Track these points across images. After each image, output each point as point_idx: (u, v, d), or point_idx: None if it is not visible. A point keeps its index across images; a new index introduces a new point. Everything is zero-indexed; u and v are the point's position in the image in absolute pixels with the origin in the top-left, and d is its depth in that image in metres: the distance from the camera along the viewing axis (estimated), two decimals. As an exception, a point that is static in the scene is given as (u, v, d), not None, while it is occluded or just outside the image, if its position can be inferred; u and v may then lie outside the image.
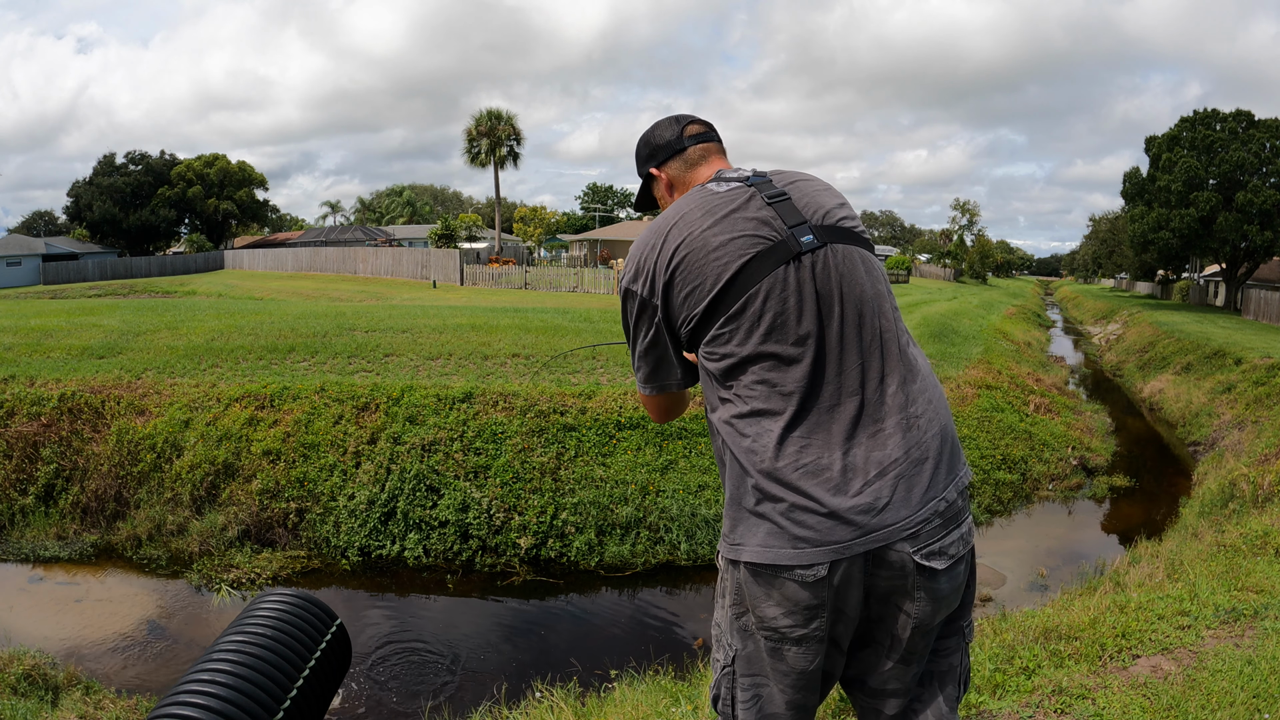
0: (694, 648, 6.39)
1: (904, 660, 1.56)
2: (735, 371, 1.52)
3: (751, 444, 1.48)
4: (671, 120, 1.79)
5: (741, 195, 1.58)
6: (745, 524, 1.49)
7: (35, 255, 45.16)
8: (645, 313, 1.61)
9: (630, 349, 1.69)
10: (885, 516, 1.41)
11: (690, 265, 1.52)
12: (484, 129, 42.99)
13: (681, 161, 1.76)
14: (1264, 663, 3.20)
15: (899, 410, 1.47)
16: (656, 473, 8.80)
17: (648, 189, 1.84)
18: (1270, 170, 30.57)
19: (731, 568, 1.55)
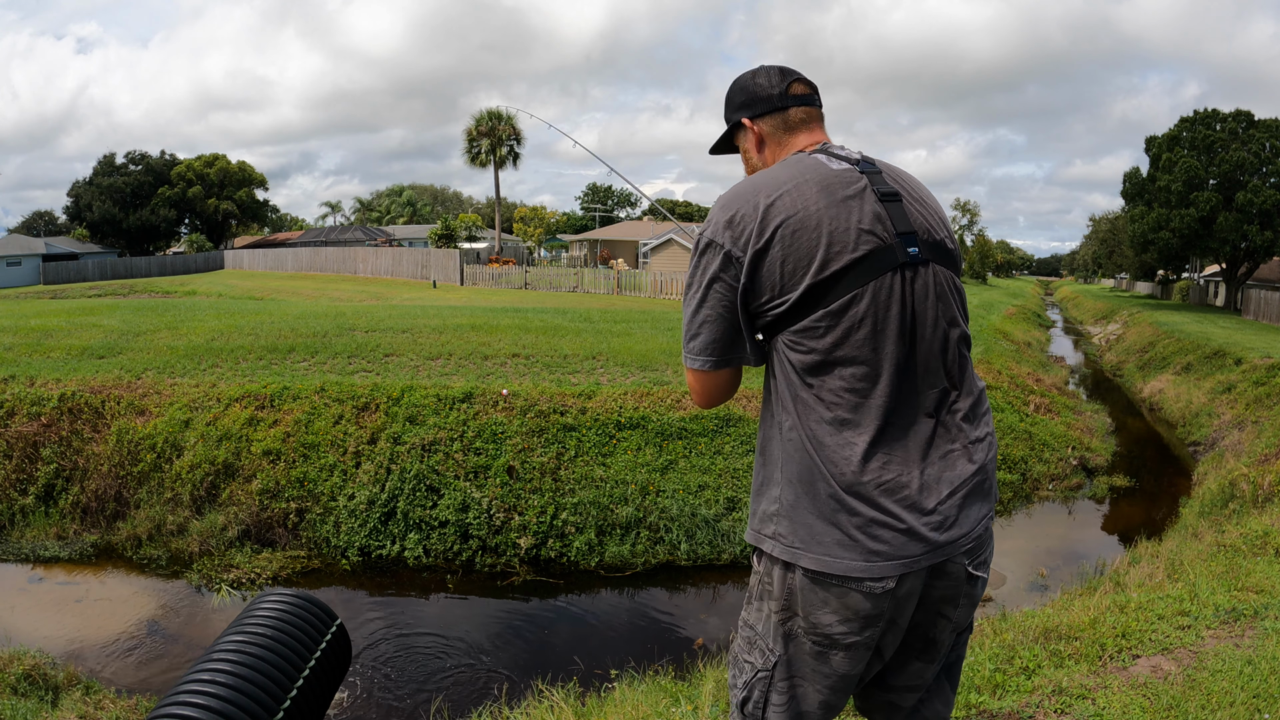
0: (694, 648, 6.38)
1: (932, 660, 1.62)
2: (821, 370, 1.46)
3: (833, 454, 1.44)
4: (776, 71, 1.67)
5: (856, 182, 1.51)
6: (809, 529, 1.45)
7: (35, 255, 45.17)
8: (727, 272, 1.48)
9: (691, 313, 1.54)
10: (952, 533, 1.47)
11: (798, 240, 1.43)
12: (484, 129, 42.99)
13: (781, 119, 1.65)
14: (1264, 663, 3.20)
15: (967, 433, 1.52)
16: (656, 473, 8.80)
17: (730, 137, 1.74)
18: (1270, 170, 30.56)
19: (784, 571, 1.50)
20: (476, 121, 43.19)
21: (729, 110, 1.71)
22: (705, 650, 6.10)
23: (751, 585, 1.61)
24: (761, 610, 1.56)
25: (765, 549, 1.53)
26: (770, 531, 1.51)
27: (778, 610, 1.52)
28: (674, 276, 29.62)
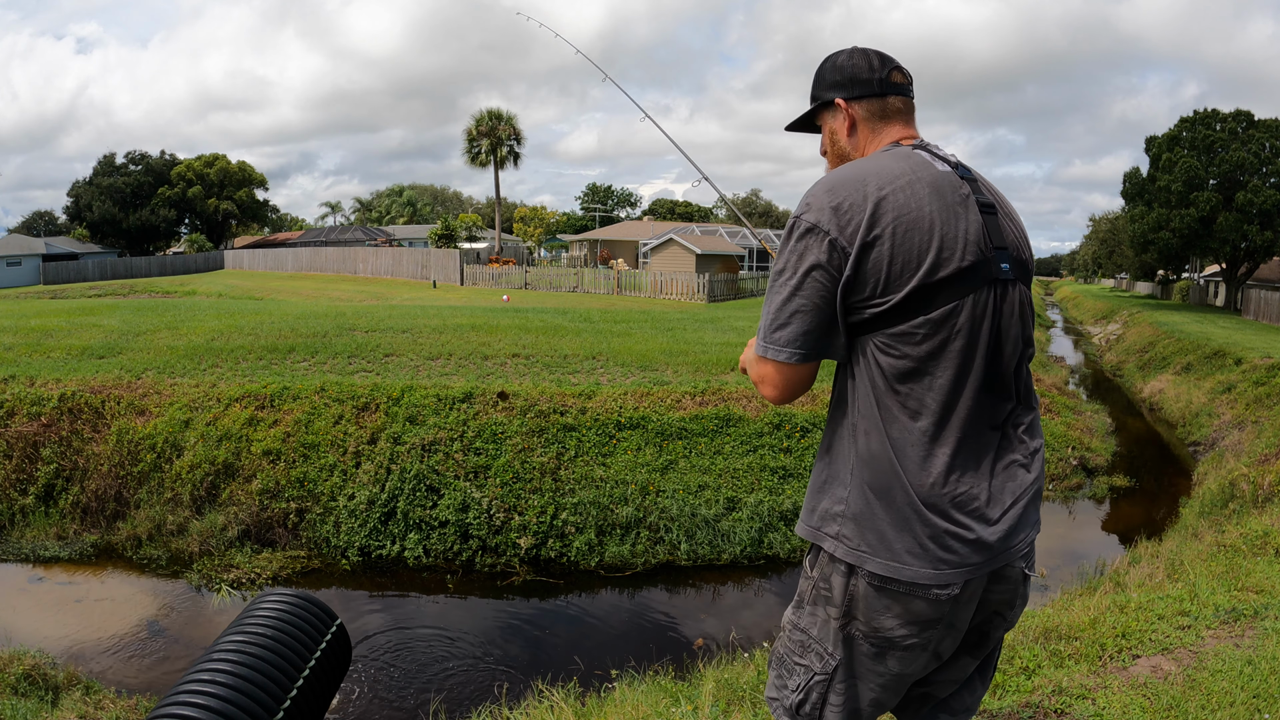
0: (694, 648, 6.38)
1: (979, 657, 1.66)
2: (911, 378, 1.43)
3: (915, 465, 1.43)
4: (876, 56, 1.61)
5: (961, 188, 1.48)
6: (879, 535, 1.44)
7: (35, 255, 45.16)
8: (830, 260, 1.41)
9: (781, 300, 1.45)
10: (1011, 539, 1.50)
11: (909, 239, 1.39)
12: (484, 129, 42.99)
13: (879, 105, 1.60)
14: (1264, 663, 3.20)
15: (1027, 445, 1.55)
16: (656, 473, 8.80)
17: (813, 116, 1.68)
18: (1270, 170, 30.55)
19: (847, 574, 1.49)
20: (477, 121, 43.20)
21: (820, 88, 1.65)
22: (705, 650, 6.09)
23: (802, 589, 1.59)
24: (817, 615, 1.55)
25: (825, 547, 1.52)
26: (833, 531, 1.50)
27: (838, 616, 1.51)
28: (674, 276, 29.62)
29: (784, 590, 7.73)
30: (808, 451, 9.42)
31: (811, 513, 1.56)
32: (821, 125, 1.68)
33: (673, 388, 10.22)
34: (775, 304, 1.47)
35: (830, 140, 1.66)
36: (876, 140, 1.60)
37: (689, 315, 18.74)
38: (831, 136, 1.65)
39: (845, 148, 1.64)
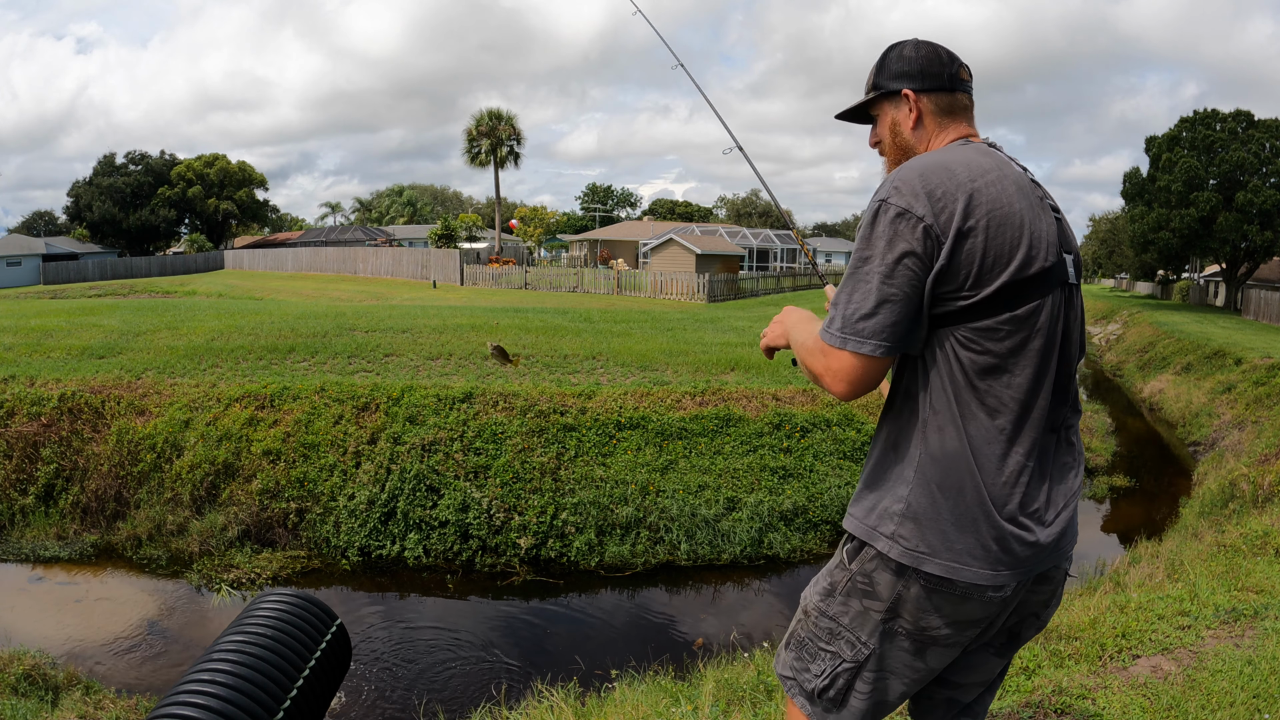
0: (694, 648, 6.38)
1: (1005, 657, 1.65)
2: (992, 374, 1.40)
3: (991, 464, 1.40)
4: (943, 50, 1.57)
5: (1036, 189, 1.48)
6: (942, 535, 1.41)
7: (35, 255, 45.17)
8: (924, 248, 1.36)
9: (869, 287, 1.38)
10: (1061, 541, 1.50)
11: (1001, 233, 1.36)
12: (485, 129, 43.00)
13: (947, 100, 1.56)
14: (1264, 663, 3.20)
15: (1075, 448, 1.57)
16: (656, 473, 8.80)
17: (872, 106, 1.62)
18: (1270, 170, 30.55)
19: (898, 574, 1.45)
20: (477, 121, 43.22)
21: (884, 76, 1.59)
22: (705, 650, 6.09)
23: (836, 579, 1.55)
24: (850, 606, 1.52)
25: (879, 547, 1.47)
26: (888, 531, 1.46)
27: (880, 611, 1.48)
28: (674, 276, 29.62)
29: (784, 590, 7.73)
30: (807, 451, 9.42)
31: (869, 510, 1.50)
32: (878, 116, 1.63)
33: (673, 388, 10.22)
34: (860, 291, 1.38)
35: (891, 132, 1.61)
36: (942, 135, 1.57)
37: (689, 315, 18.74)
38: (894, 128, 1.60)
39: (909, 140, 1.59)
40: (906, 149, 1.59)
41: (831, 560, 1.60)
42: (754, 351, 12.51)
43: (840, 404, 10.13)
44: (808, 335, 1.52)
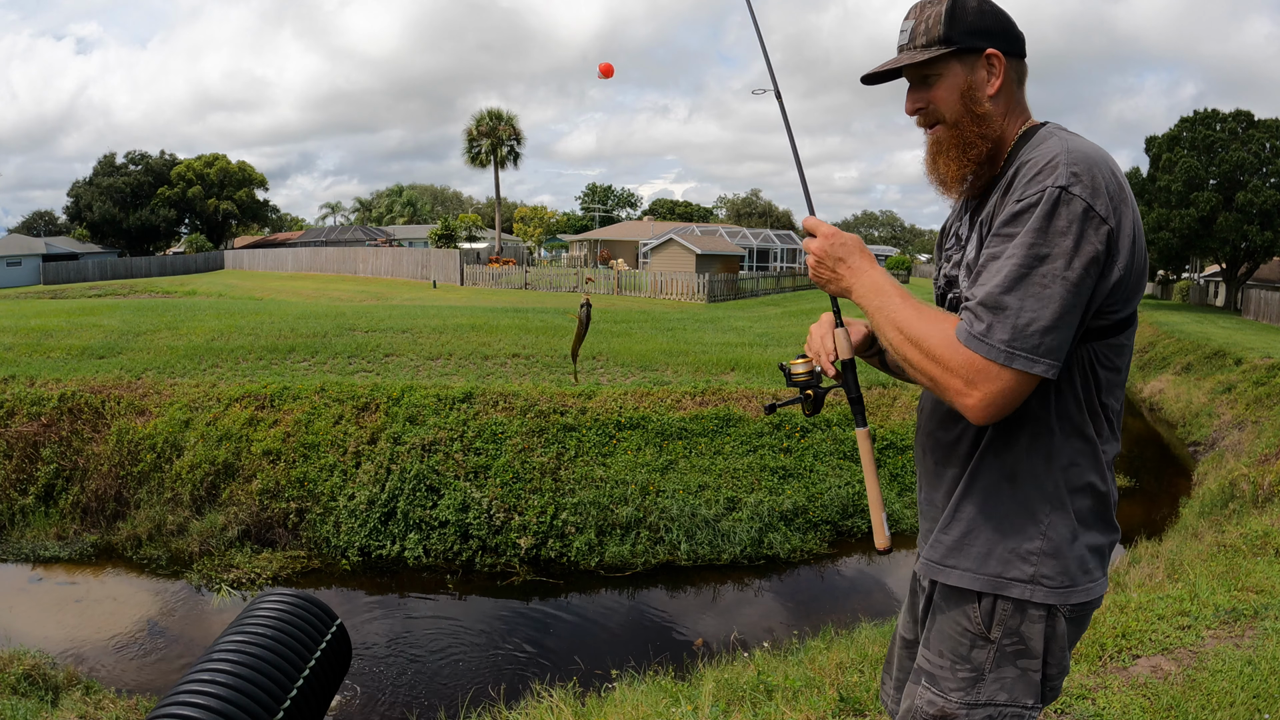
0: (694, 648, 6.38)
1: None
2: (1113, 392, 1.33)
3: (1109, 474, 1.36)
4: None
5: None
6: (1080, 559, 1.32)
7: (35, 255, 45.17)
8: (1109, 253, 1.20)
9: (1054, 298, 1.16)
10: None
11: (1139, 240, 1.25)
12: (485, 129, 43.01)
13: (1024, 70, 1.37)
14: (1264, 663, 3.20)
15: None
16: (656, 473, 8.80)
17: (931, 65, 1.34)
18: (1270, 170, 30.56)
19: (1047, 617, 1.30)
20: (477, 121, 43.22)
21: (959, 29, 1.31)
22: (705, 650, 6.09)
23: (979, 657, 1.32)
24: (1006, 676, 1.32)
25: (1014, 595, 1.29)
26: (1026, 575, 1.29)
27: (1038, 667, 1.32)
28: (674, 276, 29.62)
29: (784, 590, 7.72)
30: (807, 452, 9.42)
31: (985, 557, 1.31)
32: (937, 77, 1.34)
33: (673, 388, 10.22)
34: (1038, 297, 1.16)
35: (964, 100, 1.33)
36: (1018, 114, 1.36)
37: (689, 315, 18.74)
38: (968, 95, 1.33)
39: (988, 112, 1.33)
40: (981, 121, 1.33)
41: (943, 638, 1.37)
42: (754, 351, 12.51)
43: (841, 404, 10.12)
44: (921, 323, 1.24)
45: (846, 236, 1.37)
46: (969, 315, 1.21)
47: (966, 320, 1.21)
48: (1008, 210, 1.23)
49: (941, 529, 1.38)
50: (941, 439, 1.41)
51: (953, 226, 1.50)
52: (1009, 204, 1.23)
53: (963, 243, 1.41)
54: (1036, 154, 1.24)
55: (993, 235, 1.24)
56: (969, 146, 1.36)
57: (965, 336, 1.19)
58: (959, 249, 1.43)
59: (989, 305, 1.18)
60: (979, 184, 1.39)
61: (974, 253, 1.34)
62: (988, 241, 1.26)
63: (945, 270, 1.48)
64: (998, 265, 1.20)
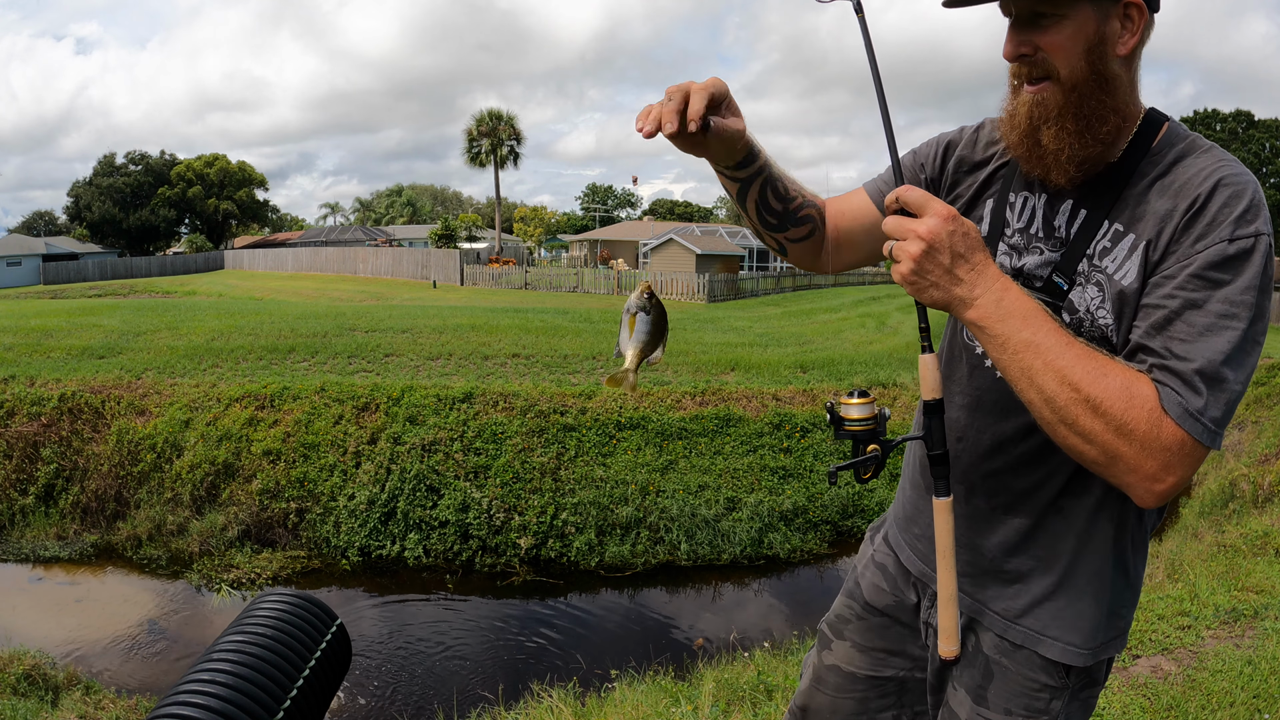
0: (694, 648, 6.38)
1: None
2: None
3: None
4: None
5: None
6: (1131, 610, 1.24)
7: (35, 255, 45.18)
8: None
9: (1250, 360, 1.00)
10: None
11: None
12: (485, 129, 43.04)
13: (1151, 29, 1.09)
14: (1264, 663, 3.20)
15: None
16: (657, 473, 8.80)
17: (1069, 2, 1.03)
18: (1270, 170, 30.63)
19: (1090, 681, 1.24)
20: (477, 122, 43.27)
21: None
22: (705, 650, 6.09)
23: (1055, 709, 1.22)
24: (1074, 712, 1.25)
25: (1110, 655, 1.23)
26: (1115, 638, 1.23)
27: (1098, 693, 1.28)
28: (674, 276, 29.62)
29: (784, 590, 7.73)
30: (807, 452, 9.42)
31: (1093, 630, 1.20)
32: (1055, 20, 1.05)
33: (673, 388, 10.22)
34: (1247, 370, 1.00)
35: (1091, 56, 1.05)
36: (1137, 87, 1.11)
37: (689, 315, 18.74)
38: (1096, 49, 1.05)
39: (1116, 75, 1.06)
40: (1108, 89, 1.06)
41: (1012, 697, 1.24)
42: (754, 351, 12.52)
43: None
44: (1099, 378, 0.97)
45: (968, 223, 1.03)
46: (1181, 384, 0.96)
47: (1178, 388, 0.96)
48: (1215, 250, 0.98)
49: (1018, 585, 1.22)
50: (1011, 484, 1.20)
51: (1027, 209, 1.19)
52: (1213, 237, 0.99)
53: (1061, 243, 1.14)
54: (1225, 171, 1.02)
55: (1190, 274, 0.99)
56: (1096, 120, 1.07)
57: (1179, 411, 0.95)
58: (1049, 246, 1.15)
59: (1210, 377, 0.96)
60: (1087, 170, 1.11)
61: (1136, 280, 1.05)
62: (1178, 278, 1.00)
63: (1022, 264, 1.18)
64: (1210, 323, 0.97)
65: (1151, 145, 1.10)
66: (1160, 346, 1.00)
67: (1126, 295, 1.06)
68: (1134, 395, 0.96)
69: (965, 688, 1.27)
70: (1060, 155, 1.08)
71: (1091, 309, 1.09)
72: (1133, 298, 1.05)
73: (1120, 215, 1.09)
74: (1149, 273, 1.04)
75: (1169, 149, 1.09)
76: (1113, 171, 1.10)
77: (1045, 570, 1.20)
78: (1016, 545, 1.21)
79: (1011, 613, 1.22)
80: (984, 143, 1.28)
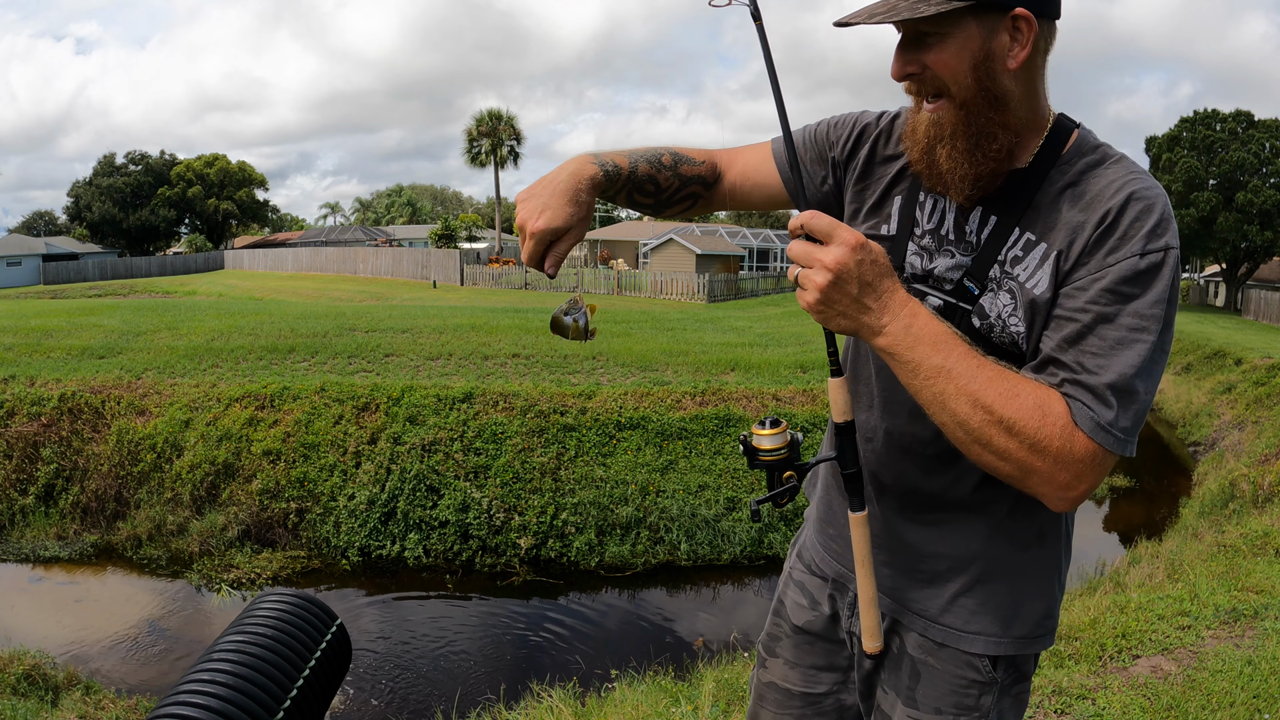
0: (694, 648, 6.38)
1: None
2: None
3: None
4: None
5: None
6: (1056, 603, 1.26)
7: (35, 255, 45.19)
8: None
9: (1156, 367, 1.02)
10: None
11: None
12: (485, 129, 43.05)
13: (1052, 36, 1.08)
14: (1264, 663, 3.20)
15: None
16: (657, 473, 8.80)
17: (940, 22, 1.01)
18: (1270, 170, 30.61)
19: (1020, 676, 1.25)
20: (477, 122, 43.28)
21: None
22: (705, 650, 6.09)
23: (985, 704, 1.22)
24: (1006, 707, 1.25)
25: (1037, 650, 1.24)
26: (1047, 629, 1.23)
27: (1029, 687, 1.30)
28: (674, 276, 29.61)
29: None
30: (808, 452, 9.40)
31: (1011, 620, 1.20)
32: (939, 38, 1.03)
33: (673, 388, 10.22)
34: (1156, 379, 1.02)
35: (978, 72, 1.03)
36: (1042, 95, 1.10)
37: (689, 315, 18.74)
38: (983, 66, 1.03)
39: (1007, 91, 1.05)
40: (998, 107, 1.05)
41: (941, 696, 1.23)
42: (754, 351, 12.51)
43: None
44: (1010, 399, 1.00)
45: (875, 247, 1.02)
46: (1093, 398, 0.99)
47: (1089, 403, 0.99)
48: (1127, 264, 1.00)
49: (936, 584, 1.23)
50: (922, 484, 1.22)
51: (937, 210, 1.18)
52: (1125, 251, 1.01)
53: (972, 248, 1.14)
54: (1137, 185, 1.04)
55: (1102, 288, 1.01)
56: (986, 138, 1.06)
57: (1091, 425, 0.98)
58: (960, 250, 1.15)
59: (1121, 390, 0.99)
60: (985, 186, 1.11)
61: (1048, 290, 1.06)
62: (1090, 291, 1.02)
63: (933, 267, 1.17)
64: (1121, 337, 1.00)
65: (1061, 153, 1.10)
66: (1072, 360, 1.02)
67: (1038, 304, 1.07)
68: (1046, 413, 0.99)
69: (894, 690, 1.28)
70: (954, 175, 1.08)
71: (1003, 316, 1.10)
72: (1044, 307, 1.06)
73: (1031, 223, 1.09)
74: (1060, 282, 1.05)
75: (1079, 158, 1.10)
76: (1023, 178, 1.10)
77: (962, 568, 1.20)
78: (932, 544, 1.22)
79: (931, 611, 1.23)
80: (898, 135, 1.23)
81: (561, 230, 1.14)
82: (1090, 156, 1.10)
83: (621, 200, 1.28)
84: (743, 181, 1.36)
